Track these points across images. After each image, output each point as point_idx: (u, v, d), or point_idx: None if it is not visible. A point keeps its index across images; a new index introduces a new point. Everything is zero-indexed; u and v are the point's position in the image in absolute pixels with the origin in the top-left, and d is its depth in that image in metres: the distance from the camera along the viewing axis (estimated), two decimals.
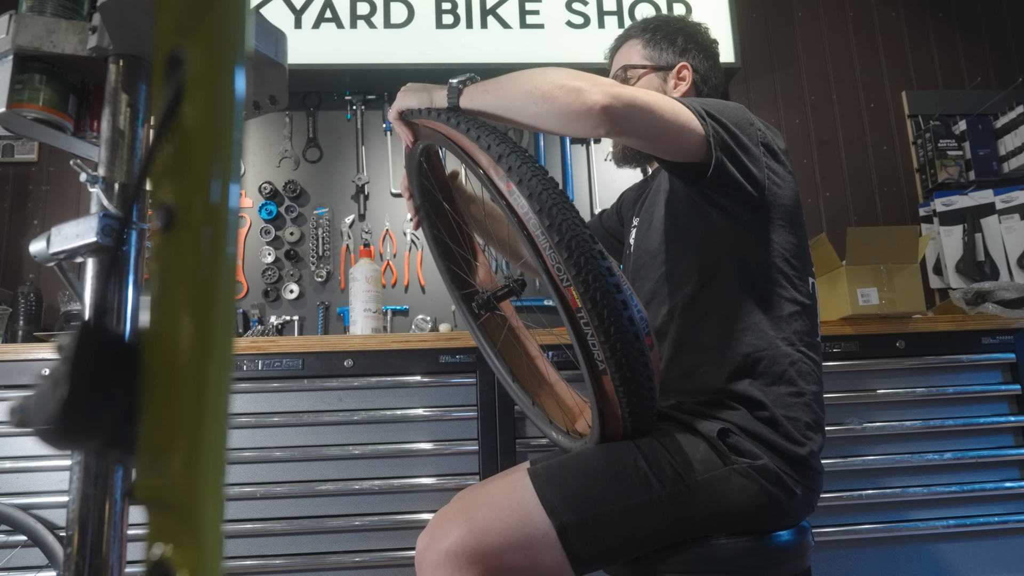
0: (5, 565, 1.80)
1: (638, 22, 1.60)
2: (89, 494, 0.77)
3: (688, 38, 1.55)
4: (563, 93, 1.07)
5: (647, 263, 1.42)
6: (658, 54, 1.54)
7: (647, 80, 1.53)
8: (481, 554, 1.14)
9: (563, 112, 1.09)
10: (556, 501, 1.15)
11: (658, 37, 1.55)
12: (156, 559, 0.30)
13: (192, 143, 0.34)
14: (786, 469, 1.20)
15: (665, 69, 1.52)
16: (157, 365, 0.34)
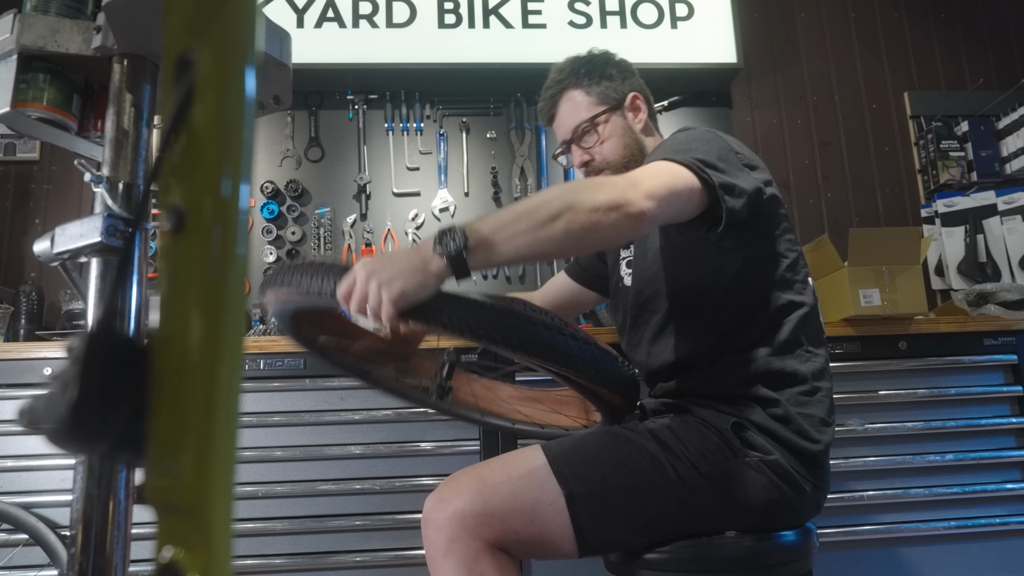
0: (7, 564, 1.80)
1: (558, 74, 1.53)
2: (93, 494, 0.77)
3: (616, 67, 1.53)
4: (605, 217, 1.03)
5: (652, 294, 1.42)
6: (604, 94, 1.50)
7: (612, 124, 1.49)
8: (488, 516, 1.15)
9: (612, 236, 1.07)
10: (567, 469, 1.18)
11: (595, 77, 1.50)
12: (166, 561, 0.30)
13: (202, 144, 0.34)
14: (796, 466, 1.22)
15: (619, 105, 1.50)
16: (167, 366, 0.34)
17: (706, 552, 1.20)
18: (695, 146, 1.23)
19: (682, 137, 1.30)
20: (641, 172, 1.14)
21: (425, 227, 2.81)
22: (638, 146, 1.49)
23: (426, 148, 2.89)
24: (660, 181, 1.11)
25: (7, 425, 1.86)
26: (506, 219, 1.02)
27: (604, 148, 1.49)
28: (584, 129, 1.49)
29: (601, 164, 1.50)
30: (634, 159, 1.48)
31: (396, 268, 0.97)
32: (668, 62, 2.85)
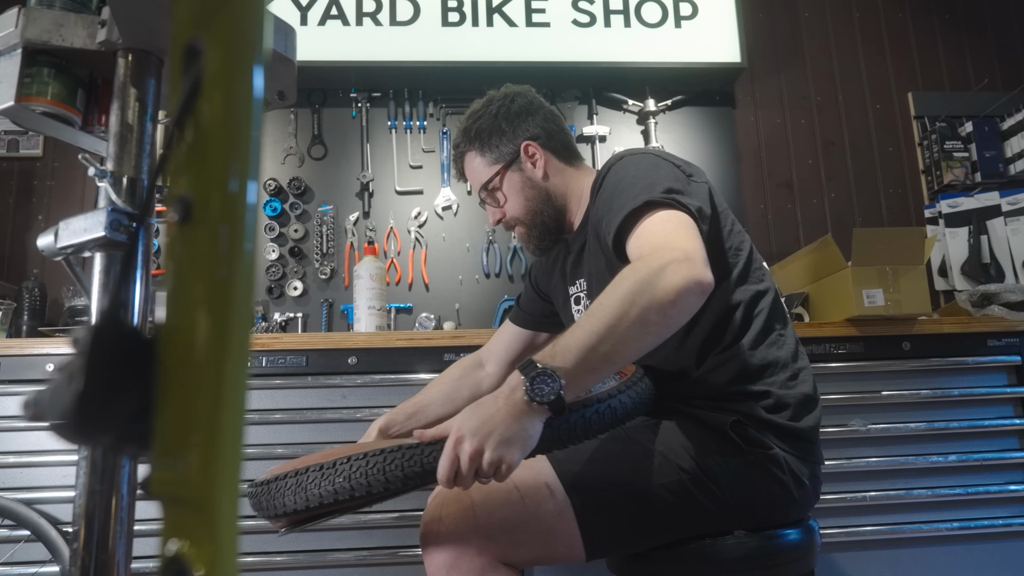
0: (8, 560, 1.80)
1: (459, 135, 1.54)
2: (96, 489, 0.77)
3: (509, 117, 1.49)
4: (685, 302, 1.03)
5: None
6: (497, 152, 1.48)
7: (509, 181, 1.48)
8: (493, 529, 1.13)
9: (691, 311, 1.06)
10: (574, 478, 1.16)
11: (484, 137, 1.49)
12: (172, 555, 0.30)
13: (210, 141, 0.34)
14: (792, 451, 1.23)
15: (515, 159, 1.47)
16: (173, 361, 0.34)
17: (709, 552, 1.20)
18: (654, 178, 1.22)
19: (631, 172, 1.26)
20: (667, 235, 1.11)
21: (428, 225, 2.81)
22: (541, 195, 1.47)
23: (429, 146, 2.89)
24: (687, 235, 1.11)
25: (10, 421, 1.86)
26: (589, 344, 0.99)
27: (508, 207, 1.50)
28: (485, 193, 1.52)
29: (511, 220, 1.51)
30: (539, 210, 1.47)
31: (503, 434, 0.95)
32: (672, 61, 2.85)
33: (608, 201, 1.26)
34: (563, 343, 1.01)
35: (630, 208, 1.16)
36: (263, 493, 1.04)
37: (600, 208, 1.30)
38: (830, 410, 1.99)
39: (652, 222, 1.15)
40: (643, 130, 2.95)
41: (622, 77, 2.91)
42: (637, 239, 1.15)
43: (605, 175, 1.33)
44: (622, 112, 2.98)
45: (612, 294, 1.03)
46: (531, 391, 0.96)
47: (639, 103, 2.94)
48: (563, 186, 1.49)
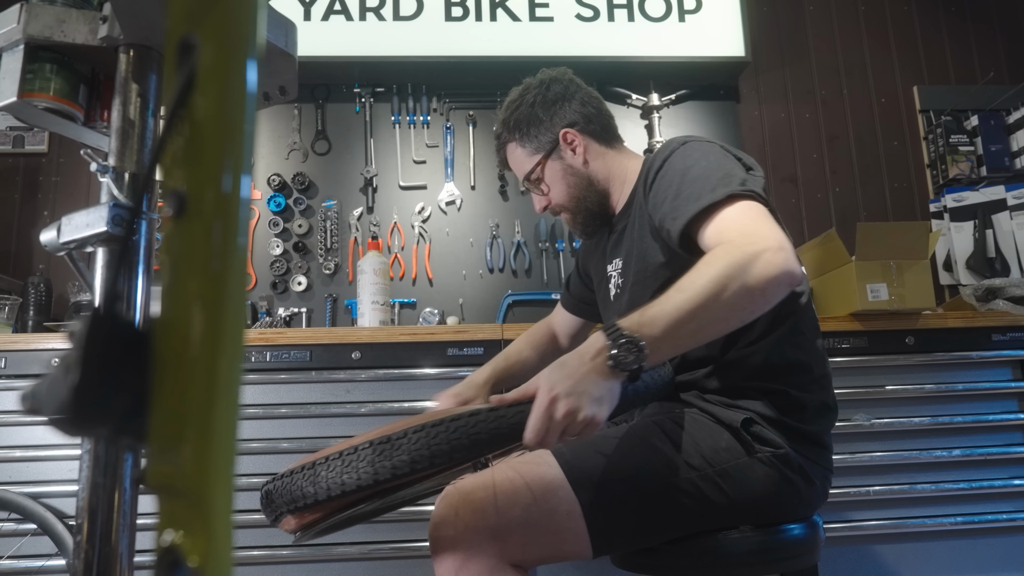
0: (15, 553, 1.82)
1: (499, 126, 1.54)
2: (99, 482, 0.77)
3: (545, 105, 1.48)
4: (774, 291, 1.05)
5: (638, 297, 1.38)
6: (536, 142, 1.48)
7: (550, 170, 1.48)
8: (502, 530, 1.12)
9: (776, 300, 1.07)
10: (583, 478, 1.16)
11: (523, 127, 1.49)
12: (167, 545, 0.31)
13: (204, 135, 0.34)
14: (805, 453, 1.23)
15: (554, 149, 1.47)
16: (168, 355, 0.34)
17: (714, 547, 1.20)
18: (728, 168, 1.21)
19: (701, 161, 1.24)
20: (755, 224, 1.11)
21: (431, 220, 2.81)
22: (583, 181, 1.48)
23: (433, 141, 2.89)
24: (774, 225, 1.11)
25: (16, 416, 1.87)
26: (677, 319, 1.01)
27: (552, 194, 1.50)
28: (528, 183, 1.53)
29: (556, 207, 1.52)
30: (583, 196, 1.48)
31: (594, 393, 0.97)
32: (675, 55, 2.84)
33: (674, 187, 1.23)
34: (651, 313, 1.01)
35: (709, 201, 1.15)
36: (305, 477, 0.94)
37: (661, 193, 1.26)
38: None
39: (735, 211, 1.14)
40: (647, 125, 2.94)
41: (626, 72, 2.91)
42: (719, 225, 1.14)
43: (666, 159, 1.30)
44: (626, 107, 2.97)
45: (704, 273, 1.03)
46: (615, 357, 0.97)
47: (643, 97, 2.93)
48: (605, 170, 1.49)
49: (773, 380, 1.26)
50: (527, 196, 2.83)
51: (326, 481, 0.92)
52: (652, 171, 1.32)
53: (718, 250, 1.07)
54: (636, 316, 1.02)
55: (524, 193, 1.57)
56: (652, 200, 1.30)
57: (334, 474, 0.92)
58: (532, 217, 2.82)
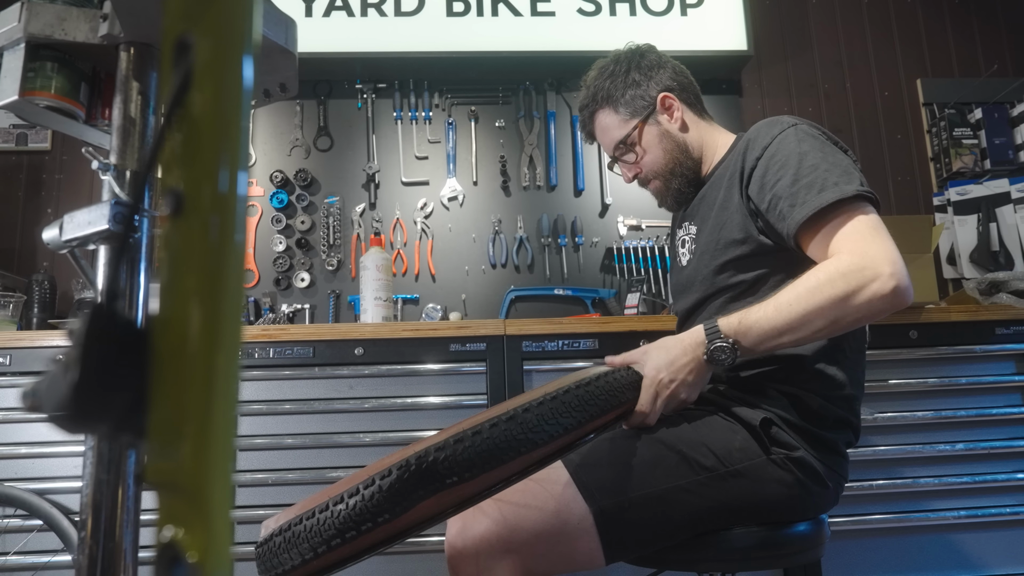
0: (21, 549, 1.83)
1: (591, 92, 1.51)
2: (103, 479, 0.78)
3: (640, 69, 1.47)
4: (870, 314, 1.11)
5: (716, 279, 1.38)
6: (633, 107, 1.46)
7: (647, 135, 1.46)
8: (516, 543, 1.13)
9: (870, 318, 1.13)
10: (593, 486, 1.16)
11: (619, 93, 1.47)
12: (166, 541, 0.31)
13: (200, 132, 0.34)
14: (821, 458, 1.22)
15: (651, 112, 1.46)
16: (166, 352, 0.35)
17: (719, 542, 1.20)
18: (837, 162, 1.21)
19: (809, 153, 1.23)
20: (869, 245, 1.12)
21: (434, 216, 2.81)
22: (679, 147, 1.46)
23: (435, 137, 2.89)
24: (888, 241, 1.13)
25: (22, 412, 1.88)
26: (772, 333, 1.12)
27: (645, 161, 1.48)
28: (622, 148, 1.49)
29: (649, 175, 1.49)
30: (679, 162, 1.46)
31: (690, 379, 1.15)
32: (677, 50, 2.82)
33: (792, 171, 1.21)
34: (750, 321, 1.12)
35: (835, 196, 1.15)
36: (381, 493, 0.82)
37: (774, 172, 1.24)
38: None
39: (854, 223, 1.15)
40: None
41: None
42: (835, 236, 1.16)
43: (776, 137, 1.28)
44: None
45: (804, 297, 1.09)
46: (711, 354, 1.13)
47: None
48: (698, 138, 1.48)
49: (799, 386, 1.25)
50: (529, 192, 2.84)
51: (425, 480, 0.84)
52: (757, 145, 1.30)
53: (826, 266, 1.11)
54: (736, 321, 1.13)
55: (612, 163, 1.54)
56: (759, 179, 1.27)
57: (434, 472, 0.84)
58: (534, 212, 2.82)
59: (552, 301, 2.76)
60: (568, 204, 2.85)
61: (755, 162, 1.28)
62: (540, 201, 2.85)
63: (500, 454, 0.87)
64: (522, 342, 1.97)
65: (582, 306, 2.73)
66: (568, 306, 2.74)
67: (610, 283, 2.78)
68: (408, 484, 0.81)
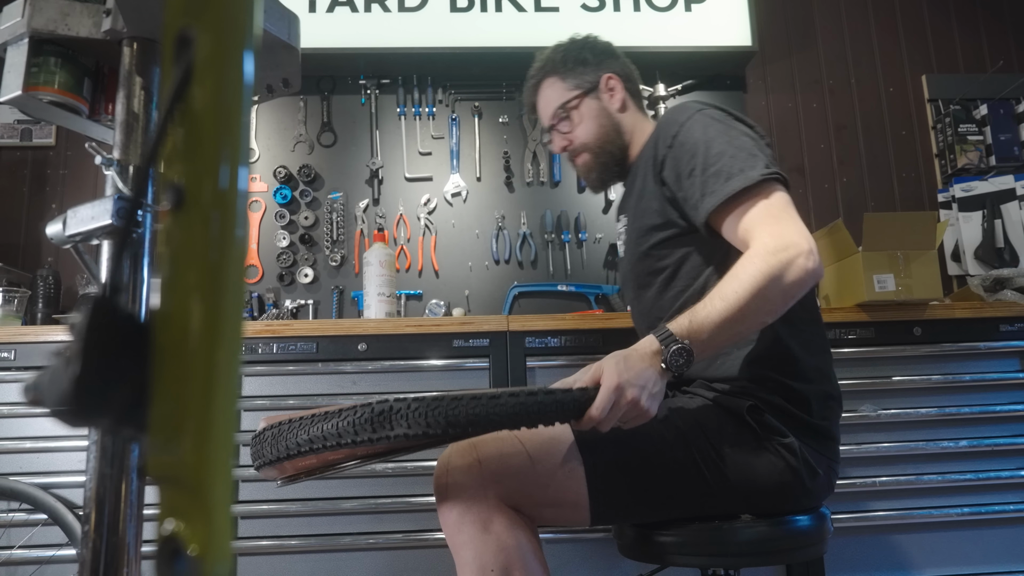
0: (26, 543, 1.83)
1: (540, 63, 1.60)
2: (106, 473, 0.78)
3: (595, 51, 1.58)
4: (800, 290, 1.14)
5: (643, 266, 1.43)
6: (579, 79, 1.55)
7: (586, 107, 1.54)
8: (504, 475, 1.17)
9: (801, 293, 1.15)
10: (588, 439, 1.20)
11: (570, 64, 1.56)
12: (167, 534, 0.31)
13: (201, 127, 0.34)
14: (811, 444, 1.24)
15: (594, 88, 1.55)
16: (167, 347, 0.35)
17: (721, 536, 1.21)
18: (742, 145, 1.26)
19: (715, 139, 1.28)
20: (784, 227, 1.17)
21: (437, 211, 2.81)
22: (614, 127, 1.54)
23: (438, 133, 2.88)
24: (797, 221, 1.18)
25: (26, 407, 1.89)
26: (719, 327, 1.11)
27: (579, 131, 1.55)
28: (560, 114, 1.56)
29: (579, 147, 1.56)
30: (610, 139, 1.54)
31: (651, 389, 1.09)
32: (682, 45, 2.82)
33: (700, 160, 1.27)
34: (700, 318, 1.12)
35: (741, 184, 1.20)
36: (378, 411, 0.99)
37: (685, 163, 1.30)
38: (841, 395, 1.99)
39: (764, 206, 1.20)
40: (653, 115, 2.93)
41: (632, 61, 2.88)
42: (750, 221, 1.20)
43: (683, 124, 1.34)
44: None
45: (745, 283, 1.11)
46: (668, 361, 1.09)
47: (649, 88, 2.92)
48: (631, 125, 1.56)
49: (776, 370, 1.27)
50: (532, 188, 2.83)
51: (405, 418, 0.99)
52: (666, 134, 1.36)
53: (755, 258, 1.14)
54: (685, 322, 1.12)
55: (547, 131, 1.58)
56: (672, 168, 1.33)
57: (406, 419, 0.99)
58: (538, 209, 2.81)
59: (555, 297, 2.76)
60: (571, 200, 2.85)
61: (666, 150, 1.35)
62: (543, 197, 2.85)
63: (453, 426, 0.97)
64: (525, 338, 1.97)
65: (585, 302, 2.73)
66: (571, 302, 2.74)
67: (613, 279, 2.78)
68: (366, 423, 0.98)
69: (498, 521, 1.15)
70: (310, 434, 0.98)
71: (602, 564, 1.88)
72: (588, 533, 1.87)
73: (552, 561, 1.25)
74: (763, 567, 1.88)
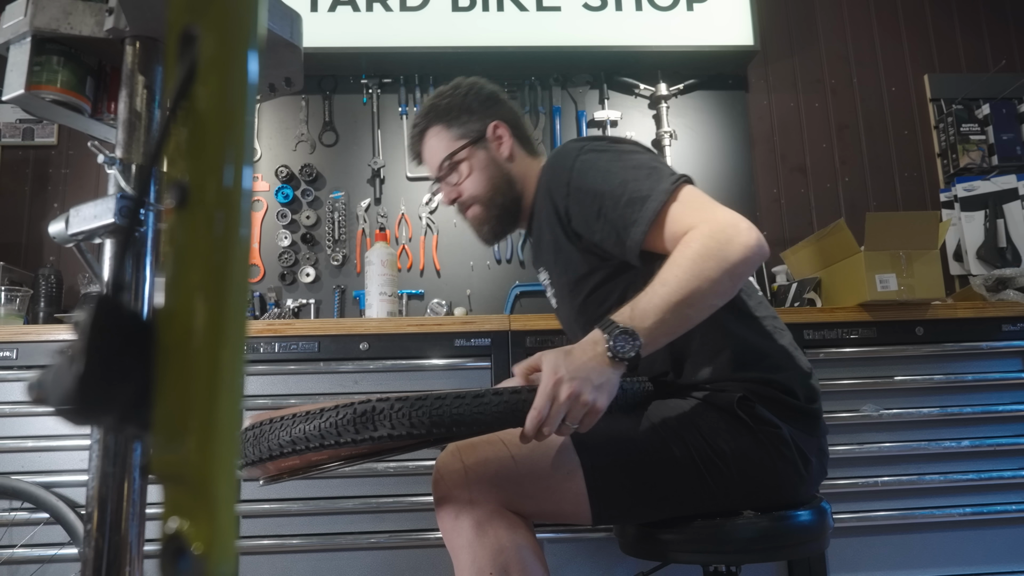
0: (28, 542, 1.83)
1: (424, 110, 1.53)
2: (108, 472, 0.78)
3: (480, 98, 1.51)
4: (744, 267, 1.10)
5: (587, 312, 1.39)
6: (465, 128, 1.48)
7: (475, 157, 1.47)
8: (503, 479, 1.17)
9: (744, 279, 1.14)
10: (586, 440, 1.19)
11: (455, 112, 1.49)
12: (171, 532, 0.31)
13: (205, 127, 0.34)
14: (801, 427, 1.25)
15: (481, 137, 1.48)
16: (171, 346, 0.35)
17: (722, 532, 1.21)
18: (641, 163, 1.25)
19: (615, 172, 1.26)
20: (711, 211, 1.16)
21: (439, 211, 2.81)
22: (504, 177, 1.48)
23: None
24: (717, 205, 1.17)
25: (29, 406, 1.89)
26: (665, 308, 1.07)
27: (468, 184, 1.48)
28: (447, 166, 1.49)
29: (468, 200, 1.50)
30: (500, 190, 1.48)
31: (596, 380, 1.02)
32: (684, 44, 2.82)
33: (608, 199, 1.24)
34: (641, 306, 1.07)
35: (659, 203, 1.18)
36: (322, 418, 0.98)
37: (589, 207, 1.27)
38: (842, 395, 1.99)
39: (681, 204, 1.18)
40: (655, 115, 2.93)
41: (633, 61, 2.89)
42: (675, 222, 1.18)
43: (570, 171, 1.30)
44: (634, 96, 2.96)
45: (683, 262, 1.09)
46: (614, 347, 1.03)
47: (651, 87, 2.92)
48: (523, 175, 1.50)
49: (746, 369, 1.27)
50: None
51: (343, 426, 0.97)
52: (560, 184, 1.33)
53: (688, 238, 1.12)
54: (627, 310, 1.07)
55: (435, 183, 1.54)
56: (579, 217, 1.30)
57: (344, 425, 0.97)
58: None
59: None
60: None
61: (565, 200, 1.31)
62: None
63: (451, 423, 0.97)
64: (526, 337, 1.97)
65: None
66: None
67: None
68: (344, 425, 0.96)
69: (495, 524, 1.15)
70: (292, 435, 0.97)
71: (603, 562, 1.88)
72: (589, 532, 1.87)
73: (553, 560, 1.25)
74: (765, 563, 1.88)
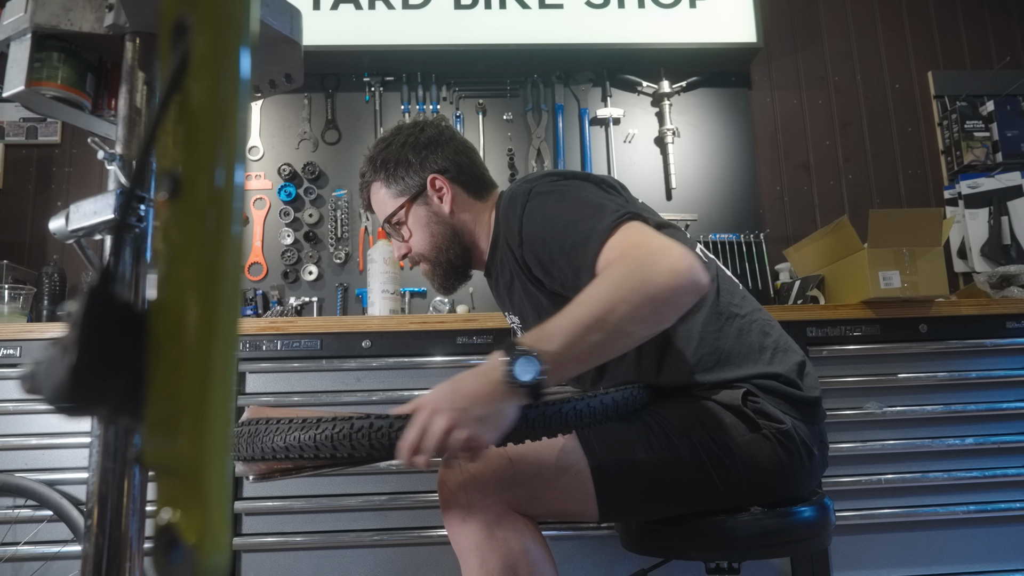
0: (32, 539, 1.84)
1: (364, 165, 1.47)
2: (108, 468, 0.78)
3: (416, 149, 1.43)
4: (674, 296, 1.02)
5: None
6: (403, 184, 1.43)
7: (414, 215, 1.43)
8: (509, 481, 1.16)
9: (687, 304, 1.06)
10: (594, 441, 1.19)
11: (390, 169, 1.43)
12: (164, 523, 0.31)
13: (198, 124, 0.34)
14: (804, 417, 1.25)
15: (421, 192, 1.42)
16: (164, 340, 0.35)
17: (725, 529, 1.21)
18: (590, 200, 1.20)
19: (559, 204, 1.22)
20: (646, 239, 1.09)
21: None
22: (447, 231, 1.43)
23: None
24: (653, 235, 1.10)
25: (32, 403, 1.89)
26: (576, 332, 0.98)
27: (413, 241, 1.45)
28: (388, 227, 1.47)
29: (416, 256, 1.47)
30: (444, 247, 1.43)
31: (478, 413, 0.94)
32: (686, 42, 2.82)
33: (556, 243, 1.20)
34: (549, 328, 0.99)
35: (601, 241, 1.11)
36: (249, 433, 1.02)
37: (543, 252, 1.23)
38: (846, 392, 1.98)
39: (620, 235, 1.11)
40: (657, 112, 2.92)
41: (636, 58, 2.89)
42: (609, 253, 1.11)
43: (522, 217, 1.27)
44: (636, 94, 2.96)
45: (600, 285, 1.02)
46: (510, 373, 0.94)
47: (653, 85, 2.91)
48: (471, 222, 1.45)
49: (746, 367, 1.26)
50: None
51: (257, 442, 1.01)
52: (513, 233, 1.29)
53: (612, 267, 1.06)
54: (535, 332, 1.00)
55: (388, 237, 1.53)
56: (537, 265, 1.27)
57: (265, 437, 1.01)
58: None
59: None
60: None
61: (520, 250, 1.28)
62: None
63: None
64: None
65: None
66: None
67: None
68: None
69: (503, 526, 1.14)
70: (286, 442, 0.97)
71: (605, 558, 1.88)
72: (590, 529, 1.87)
73: (555, 556, 1.24)
74: (767, 560, 1.88)
